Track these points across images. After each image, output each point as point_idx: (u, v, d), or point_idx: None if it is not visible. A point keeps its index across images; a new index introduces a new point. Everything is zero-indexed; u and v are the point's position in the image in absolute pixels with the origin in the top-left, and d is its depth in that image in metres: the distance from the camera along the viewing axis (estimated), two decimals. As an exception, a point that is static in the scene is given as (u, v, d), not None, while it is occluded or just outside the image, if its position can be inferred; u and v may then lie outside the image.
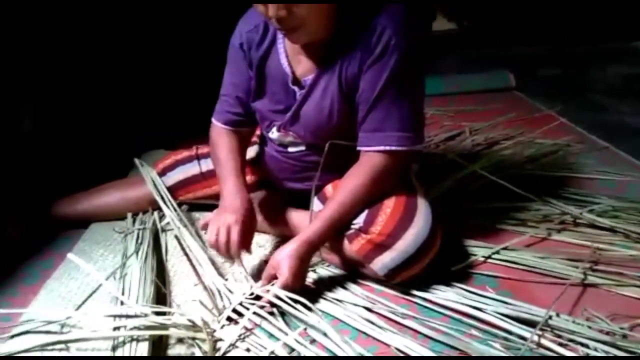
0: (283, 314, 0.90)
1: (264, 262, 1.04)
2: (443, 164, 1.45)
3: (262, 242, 1.17)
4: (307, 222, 0.98)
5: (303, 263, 0.92)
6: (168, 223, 1.22)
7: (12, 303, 1.01)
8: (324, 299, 0.95)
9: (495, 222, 1.18)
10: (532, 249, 1.08)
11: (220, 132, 1.10)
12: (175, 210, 1.23)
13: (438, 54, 3.22)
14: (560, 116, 1.91)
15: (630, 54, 3.02)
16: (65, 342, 0.87)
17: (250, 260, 1.08)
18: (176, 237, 1.18)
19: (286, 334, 0.84)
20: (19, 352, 0.85)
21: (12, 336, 0.90)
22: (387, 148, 0.93)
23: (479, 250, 1.07)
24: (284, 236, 1.13)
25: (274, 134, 1.07)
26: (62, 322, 0.92)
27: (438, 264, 0.98)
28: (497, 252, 1.06)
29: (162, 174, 1.30)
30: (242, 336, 0.86)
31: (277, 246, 1.13)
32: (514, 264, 1.03)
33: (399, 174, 0.99)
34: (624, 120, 1.87)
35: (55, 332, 0.91)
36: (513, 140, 1.68)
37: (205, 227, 1.21)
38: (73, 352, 0.86)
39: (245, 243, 0.97)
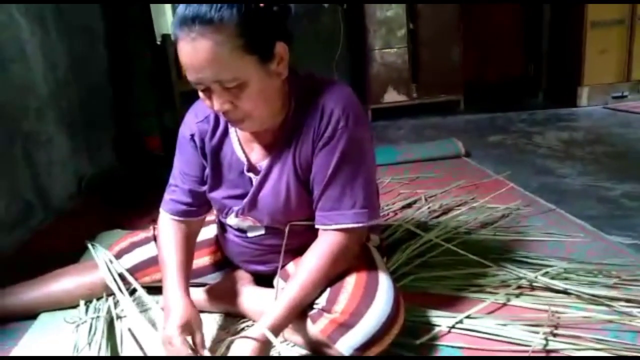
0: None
1: (227, 347, 1.00)
2: (401, 233, 1.49)
3: (225, 324, 1.13)
4: (270, 303, 0.97)
5: (266, 351, 0.89)
6: (123, 309, 1.17)
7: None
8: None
9: (456, 290, 1.19)
10: (493, 315, 1.09)
11: (167, 224, 1.07)
12: (133, 292, 1.18)
13: (390, 123, 3.38)
14: (508, 180, 2.02)
15: (566, 120, 3.27)
16: None
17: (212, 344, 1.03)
18: (129, 330, 1.12)
19: None
20: None
21: None
22: (344, 226, 0.95)
23: (442, 319, 1.08)
24: (249, 317, 1.11)
25: (232, 220, 1.07)
26: None
27: (403, 338, 0.97)
28: (461, 321, 1.07)
29: (118, 256, 1.26)
30: None
31: (238, 328, 1.09)
32: (477, 332, 1.04)
33: (358, 250, 1.01)
34: (566, 182, 2.00)
35: None
36: (466, 206, 1.75)
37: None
38: None
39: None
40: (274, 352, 0.96)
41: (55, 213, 1.80)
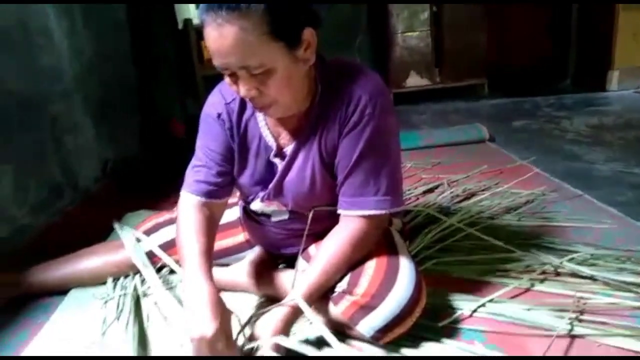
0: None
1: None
2: (424, 218, 1.48)
3: (246, 301, 1.15)
4: (288, 285, 0.99)
5: (294, 320, 0.92)
6: (149, 287, 1.20)
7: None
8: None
9: (478, 275, 1.18)
10: (517, 300, 1.08)
11: (188, 207, 1.00)
12: (158, 270, 1.21)
13: (413, 108, 3.34)
14: (533, 166, 1.98)
15: (595, 104, 3.18)
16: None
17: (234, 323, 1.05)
18: (155, 303, 1.15)
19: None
20: None
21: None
22: (366, 212, 0.95)
23: (464, 303, 1.07)
24: (269, 297, 1.13)
25: (256, 205, 1.07)
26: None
27: (425, 321, 0.97)
28: (483, 305, 1.06)
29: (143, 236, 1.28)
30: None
31: (260, 307, 1.11)
32: (500, 316, 1.03)
33: (379, 236, 1.00)
34: (594, 168, 1.95)
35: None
36: (490, 191, 1.73)
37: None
38: None
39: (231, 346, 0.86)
40: (301, 324, 0.97)
41: (81, 196, 1.84)
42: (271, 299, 1.11)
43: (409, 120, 3.21)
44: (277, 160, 1.01)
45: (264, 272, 1.15)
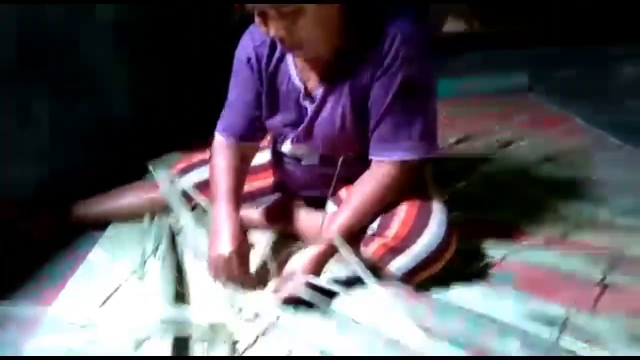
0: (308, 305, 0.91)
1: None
2: (458, 165, 1.45)
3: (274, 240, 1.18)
4: (317, 225, 1.01)
5: (318, 271, 0.94)
6: (184, 225, 1.24)
7: (35, 304, 1.02)
8: (341, 297, 0.96)
9: (512, 222, 1.17)
10: (550, 248, 1.07)
11: (221, 148, 1.07)
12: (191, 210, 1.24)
13: (451, 55, 3.21)
14: (575, 116, 1.90)
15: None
16: (88, 341, 0.88)
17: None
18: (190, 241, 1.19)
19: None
20: (42, 352, 0.87)
21: (36, 337, 0.91)
22: (398, 158, 0.94)
23: (496, 249, 1.07)
24: (297, 237, 1.15)
25: (287, 147, 1.07)
26: (84, 321, 0.93)
27: (456, 264, 0.97)
28: (515, 251, 1.05)
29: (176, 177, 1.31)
30: (261, 334, 0.87)
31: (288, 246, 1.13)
32: (532, 262, 1.02)
33: (411, 181, 0.99)
34: (639, 119, 1.86)
35: (77, 332, 0.91)
36: (528, 140, 1.68)
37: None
38: (95, 352, 0.87)
39: (245, 270, 0.97)
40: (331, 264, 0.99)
41: (116, 139, 1.88)
42: (299, 239, 1.13)
43: (445, 67, 3.09)
44: (307, 103, 1.00)
45: (292, 212, 1.17)
